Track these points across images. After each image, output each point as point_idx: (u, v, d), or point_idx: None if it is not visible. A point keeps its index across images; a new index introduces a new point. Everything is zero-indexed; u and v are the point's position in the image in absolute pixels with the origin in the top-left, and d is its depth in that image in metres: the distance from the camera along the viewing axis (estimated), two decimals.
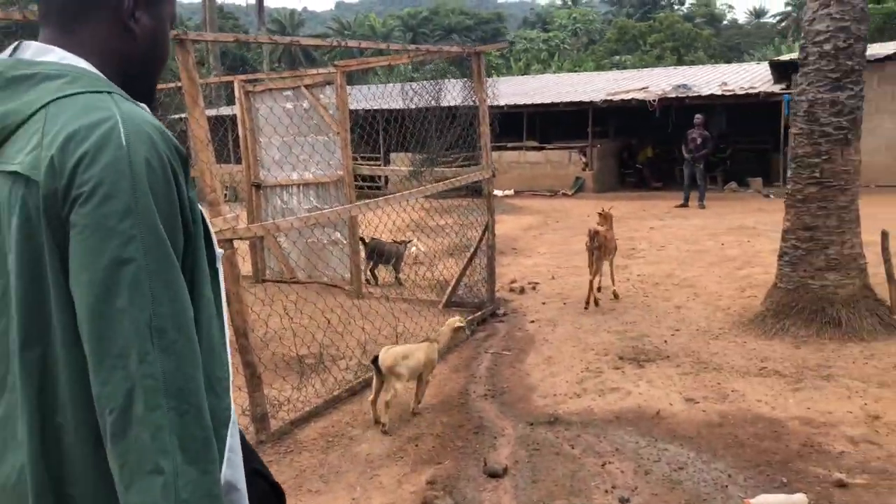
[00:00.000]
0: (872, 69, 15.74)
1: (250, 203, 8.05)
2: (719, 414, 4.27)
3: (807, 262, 5.42)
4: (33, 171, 0.97)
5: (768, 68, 17.63)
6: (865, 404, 4.24)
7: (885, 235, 5.43)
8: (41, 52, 1.07)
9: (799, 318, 5.39)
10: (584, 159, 17.99)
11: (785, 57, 17.36)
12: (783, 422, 4.11)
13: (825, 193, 5.30)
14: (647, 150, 19.61)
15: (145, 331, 0.95)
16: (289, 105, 7.53)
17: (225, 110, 17.54)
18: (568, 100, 17.90)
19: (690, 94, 16.61)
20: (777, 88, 15.81)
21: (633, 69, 29.07)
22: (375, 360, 4.29)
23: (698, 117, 14.20)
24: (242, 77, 8.20)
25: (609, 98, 17.40)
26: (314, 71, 8.10)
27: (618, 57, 46.15)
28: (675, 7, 65.06)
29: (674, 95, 16.69)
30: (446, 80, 8.70)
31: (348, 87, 7.49)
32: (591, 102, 17.28)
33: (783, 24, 60.38)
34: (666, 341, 5.60)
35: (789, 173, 5.56)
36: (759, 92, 15.66)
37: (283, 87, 7.67)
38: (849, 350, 5.06)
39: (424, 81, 9.75)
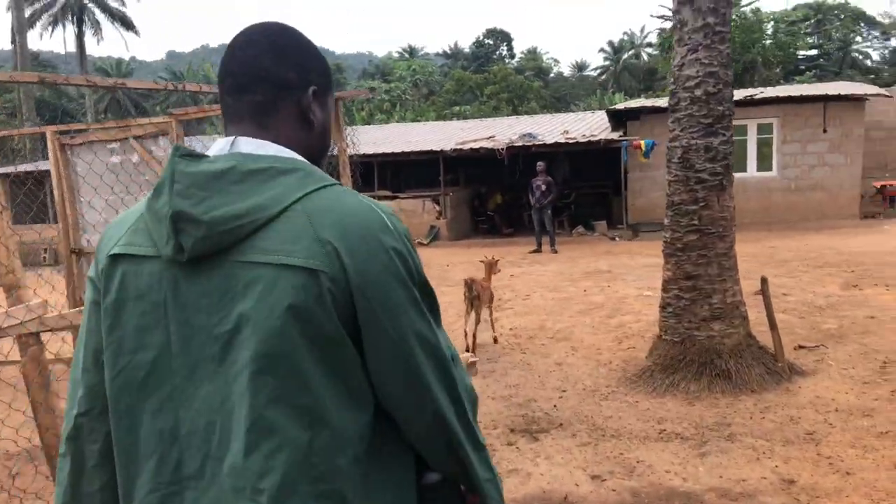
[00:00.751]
0: None
1: (69, 274, 6.90)
2: (631, 492, 3.84)
3: (691, 312, 5.23)
4: (315, 262, 1.02)
5: (605, 116, 18.39)
6: (776, 466, 3.98)
7: (764, 282, 5.36)
8: (261, 147, 1.12)
9: (688, 371, 5.16)
10: (437, 207, 17.80)
11: (620, 106, 18.19)
12: (699, 495, 3.75)
13: (705, 241, 5.15)
14: (497, 198, 19.80)
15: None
16: (115, 159, 6.54)
17: (45, 165, 15.75)
18: (419, 149, 17.73)
19: (536, 143, 16.94)
20: (616, 135, 16.46)
21: (475, 119, 29.66)
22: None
23: (540, 164, 14.43)
24: (56, 128, 7.10)
25: (459, 147, 17.40)
26: (145, 120, 7.13)
27: (458, 107, 47.43)
28: (507, 61, 68.28)
29: (520, 144, 16.96)
30: None
31: (186, 139, 6.64)
32: (442, 151, 17.18)
33: (603, 76, 65.00)
34: (555, 405, 5.18)
35: (666, 221, 5.39)
36: (601, 139, 16.20)
37: (108, 139, 6.66)
38: (743, 404, 4.86)
39: None
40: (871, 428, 4.32)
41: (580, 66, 72.97)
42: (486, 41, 75.87)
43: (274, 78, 1.15)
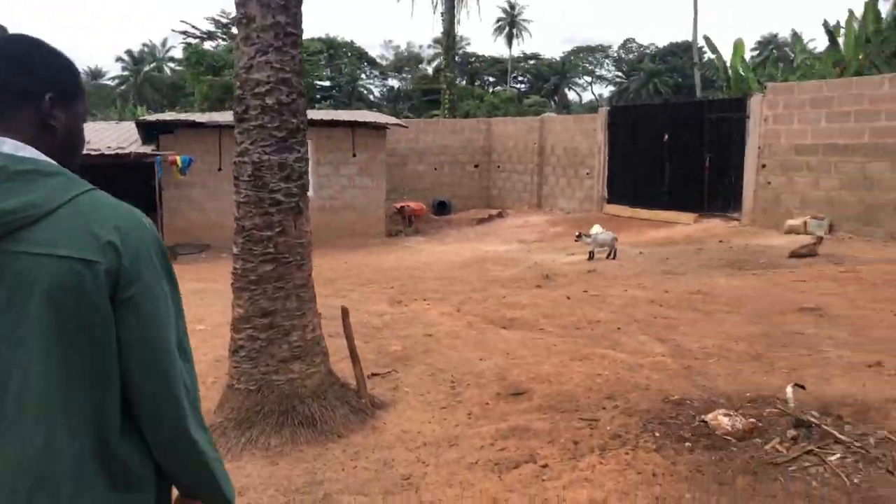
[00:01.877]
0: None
1: None
2: None
3: (268, 354, 4.51)
4: (91, 254, 1.21)
5: (134, 128, 16.66)
6: None
7: (345, 313, 4.93)
8: (20, 149, 1.27)
9: (267, 423, 4.42)
10: None
11: (153, 118, 16.65)
12: None
13: (282, 271, 4.49)
14: None
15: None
16: None
17: None
18: None
19: None
20: (149, 149, 14.96)
21: None
22: None
23: None
24: None
25: None
26: None
27: None
28: None
29: None
30: None
31: None
32: None
33: (123, 87, 60.74)
34: None
35: (236, 249, 4.58)
36: (131, 152, 14.52)
37: None
38: (332, 453, 4.32)
39: None
40: (461, 460, 4.16)
41: (95, 74, 66.98)
42: None
43: (11, 87, 1.30)
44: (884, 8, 19.44)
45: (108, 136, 16.86)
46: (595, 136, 18.53)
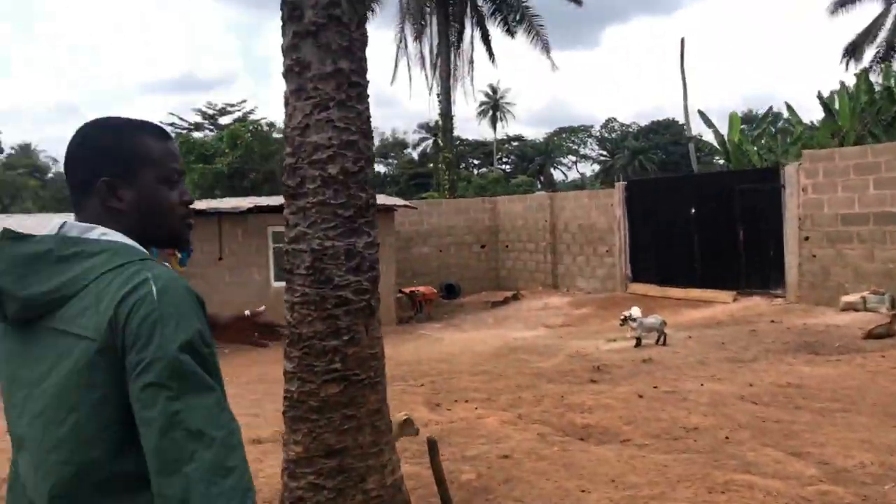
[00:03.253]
0: (235, 221, 15.34)
1: None
2: None
3: None
4: (90, 332, 1.26)
5: None
6: None
7: (433, 446, 3.76)
8: (86, 231, 1.37)
9: None
10: None
11: None
12: None
13: (353, 394, 3.34)
14: None
15: None
16: None
17: None
18: None
19: None
20: None
21: None
22: None
23: None
24: None
25: None
26: None
27: None
28: None
29: None
30: None
31: None
32: None
33: None
34: None
35: (290, 365, 3.44)
36: None
37: None
38: None
39: None
40: None
41: None
42: None
43: (73, 180, 1.42)
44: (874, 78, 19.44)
45: None
46: (612, 211, 17.68)
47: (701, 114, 21.91)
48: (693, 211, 15.53)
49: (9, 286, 1.29)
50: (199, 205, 15.67)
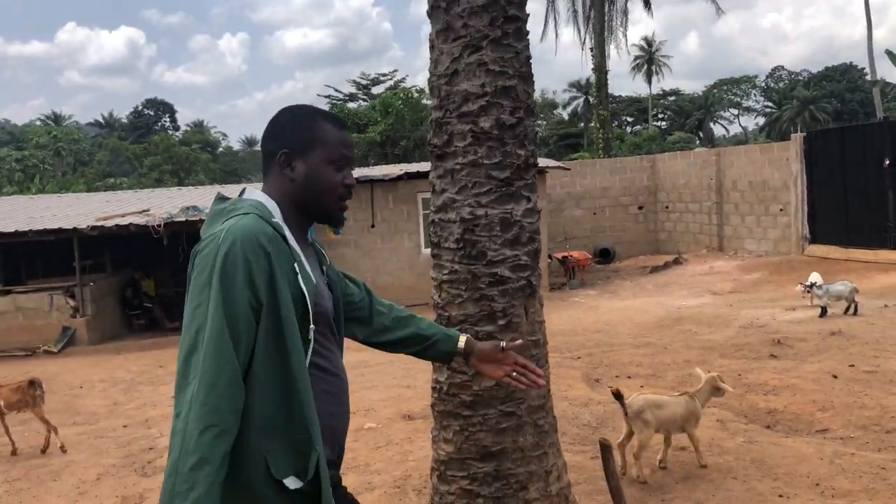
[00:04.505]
0: (386, 188, 15.29)
1: None
2: None
3: None
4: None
5: None
6: None
7: (606, 448, 3.24)
8: (251, 194, 1.73)
9: None
10: (72, 303, 13.64)
11: None
12: None
13: (512, 388, 2.88)
14: (149, 284, 16.26)
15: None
16: None
17: None
18: (42, 227, 13.49)
19: (203, 216, 13.90)
20: None
21: (131, 191, 25.37)
22: (619, 396, 4.20)
23: None
24: None
25: (100, 223, 13.62)
26: None
27: (112, 179, 42.31)
28: (171, 132, 63.73)
29: (183, 219, 13.75)
30: None
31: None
32: (76, 229, 13.24)
33: None
34: None
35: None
36: None
37: None
38: None
39: None
40: None
41: (250, 142, 70.86)
42: (146, 111, 70.11)
43: (264, 149, 1.76)
44: None
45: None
46: (788, 166, 16.01)
47: (889, 53, 19.40)
48: (888, 162, 13.68)
49: (202, 230, 1.68)
50: (353, 173, 15.80)
